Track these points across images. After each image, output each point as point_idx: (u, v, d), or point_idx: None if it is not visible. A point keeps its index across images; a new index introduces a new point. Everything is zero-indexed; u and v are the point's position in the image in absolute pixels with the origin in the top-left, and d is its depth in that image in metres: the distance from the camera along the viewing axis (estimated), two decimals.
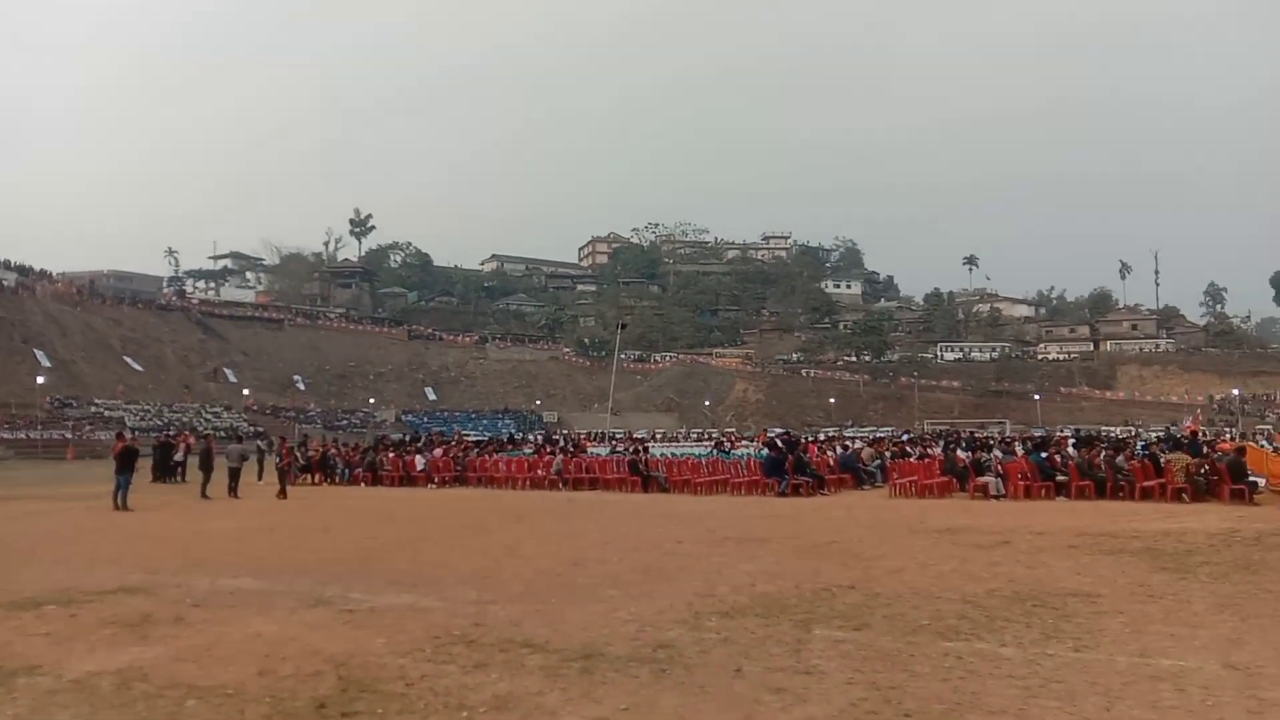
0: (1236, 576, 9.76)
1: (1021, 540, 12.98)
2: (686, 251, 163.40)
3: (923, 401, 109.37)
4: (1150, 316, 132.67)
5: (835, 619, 8.03)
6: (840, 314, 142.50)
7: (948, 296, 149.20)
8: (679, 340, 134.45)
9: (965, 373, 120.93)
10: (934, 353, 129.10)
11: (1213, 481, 18.83)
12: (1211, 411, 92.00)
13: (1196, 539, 12.71)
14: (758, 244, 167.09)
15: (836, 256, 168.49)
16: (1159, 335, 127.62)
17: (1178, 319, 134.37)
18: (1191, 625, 7.54)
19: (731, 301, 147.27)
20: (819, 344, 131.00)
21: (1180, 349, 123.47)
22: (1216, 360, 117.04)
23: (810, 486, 22.48)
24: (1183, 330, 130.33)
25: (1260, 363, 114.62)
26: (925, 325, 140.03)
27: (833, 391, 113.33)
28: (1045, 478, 20.40)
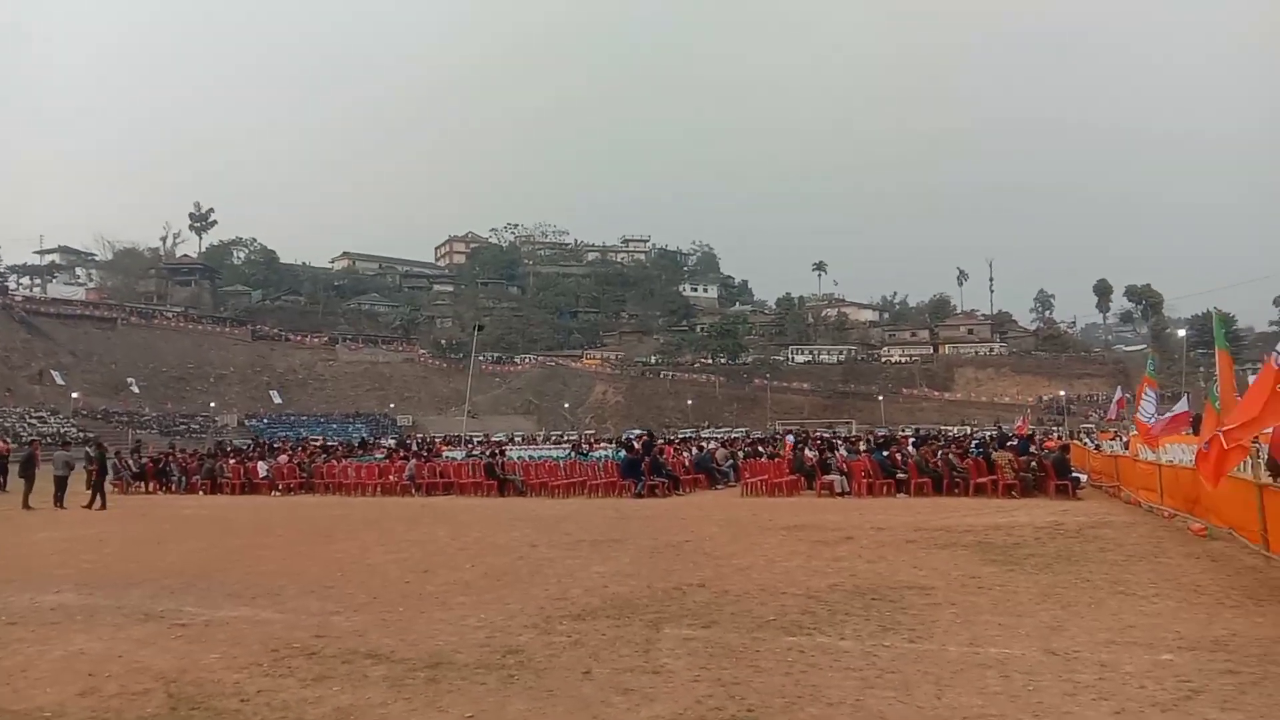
0: (1059, 567, 10.38)
1: (864, 536, 13.46)
2: (546, 253, 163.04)
3: (775, 402, 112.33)
4: (985, 322, 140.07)
5: (685, 617, 8.13)
6: (697, 317, 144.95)
7: (799, 301, 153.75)
8: (538, 342, 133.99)
9: (815, 374, 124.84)
10: (786, 355, 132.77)
11: (1040, 478, 19.99)
12: (1040, 411, 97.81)
13: (1024, 532, 13.46)
14: (617, 247, 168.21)
15: (694, 260, 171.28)
16: (993, 339, 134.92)
17: (1010, 324, 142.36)
18: (1017, 614, 7.96)
19: (591, 304, 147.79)
20: (677, 346, 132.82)
21: (1012, 352, 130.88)
22: (1045, 363, 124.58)
23: (666, 487, 22.75)
24: (1015, 335, 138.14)
25: (1084, 365, 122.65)
26: (778, 329, 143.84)
27: (690, 393, 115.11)
28: (887, 475, 21.24)
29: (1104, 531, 13.38)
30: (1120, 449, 27.36)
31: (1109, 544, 12.08)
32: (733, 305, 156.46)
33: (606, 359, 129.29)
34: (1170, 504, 14.69)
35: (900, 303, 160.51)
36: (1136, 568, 10.18)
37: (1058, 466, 19.91)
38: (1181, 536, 12.61)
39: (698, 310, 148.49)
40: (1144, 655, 6.47)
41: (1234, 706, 5.29)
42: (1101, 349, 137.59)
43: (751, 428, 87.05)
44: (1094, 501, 18.70)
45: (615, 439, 48.68)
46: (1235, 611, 7.80)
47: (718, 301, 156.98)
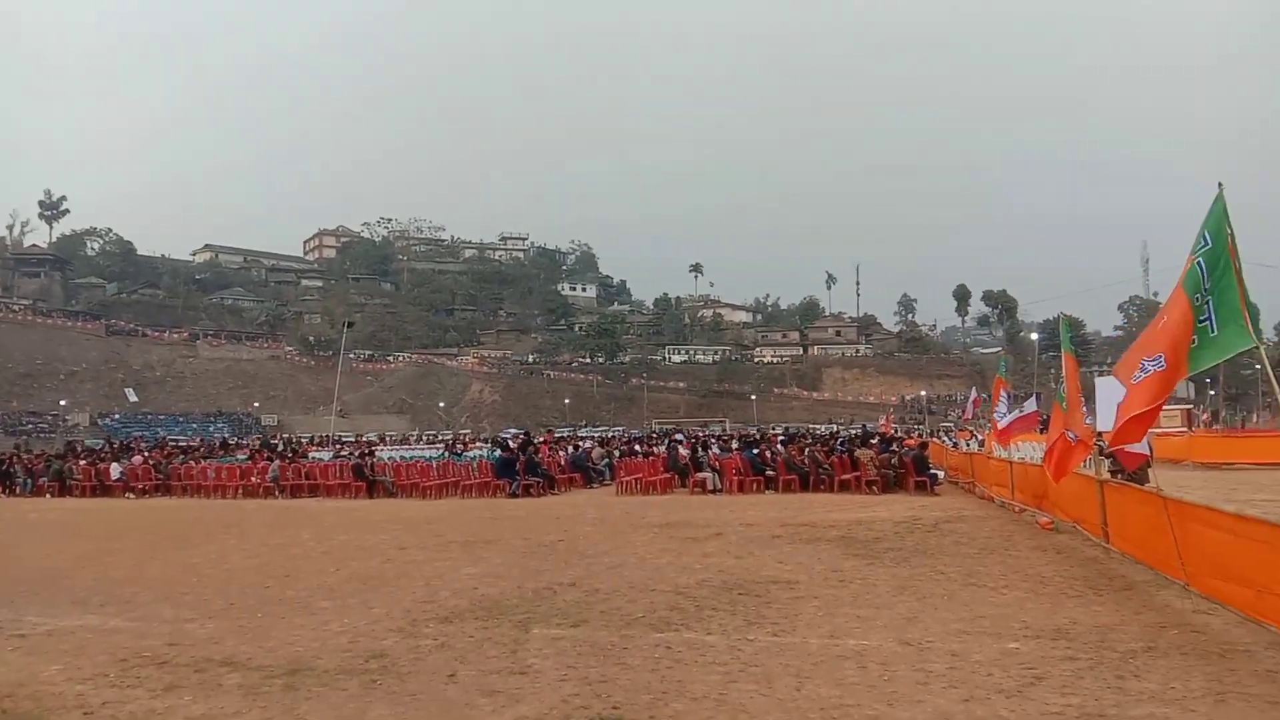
0: (916, 560, 10.78)
1: (733, 532, 13.70)
2: (422, 249, 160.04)
3: (652, 401, 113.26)
4: (852, 324, 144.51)
5: (554, 617, 8.10)
6: (576, 316, 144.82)
7: (676, 302, 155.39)
8: (412, 340, 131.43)
9: (691, 374, 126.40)
10: (662, 355, 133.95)
11: (900, 474, 20.74)
12: (903, 410, 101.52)
13: (884, 527, 13.93)
14: (495, 244, 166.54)
15: (573, 260, 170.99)
16: (859, 341, 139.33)
17: (875, 327, 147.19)
18: (875, 607, 8.23)
19: (468, 301, 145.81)
20: (555, 345, 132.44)
21: (877, 354, 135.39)
22: (908, 364, 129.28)
23: (541, 487, 22.65)
24: (879, 337, 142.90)
25: (944, 367, 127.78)
26: (655, 328, 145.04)
27: (568, 392, 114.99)
28: (757, 473, 21.69)
29: (959, 526, 13.97)
30: (976, 447, 28.69)
31: (963, 538, 12.62)
32: (611, 305, 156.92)
33: (483, 358, 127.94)
34: (1020, 499, 15.45)
35: (772, 305, 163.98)
36: (988, 560, 10.66)
37: (917, 463, 20.70)
38: (1030, 530, 13.27)
39: (576, 309, 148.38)
40: (992, 644, 6.78)
41: (1072, 691, 5.59)
42: (960, 351, 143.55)
43: (629, 426, 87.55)
44: (951, 497, 19.50)
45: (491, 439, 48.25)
46: (1076, 601, 8.25)
47: (596, 301, 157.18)
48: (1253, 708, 5.22)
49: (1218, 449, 28.70)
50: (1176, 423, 44.86)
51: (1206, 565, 7.32)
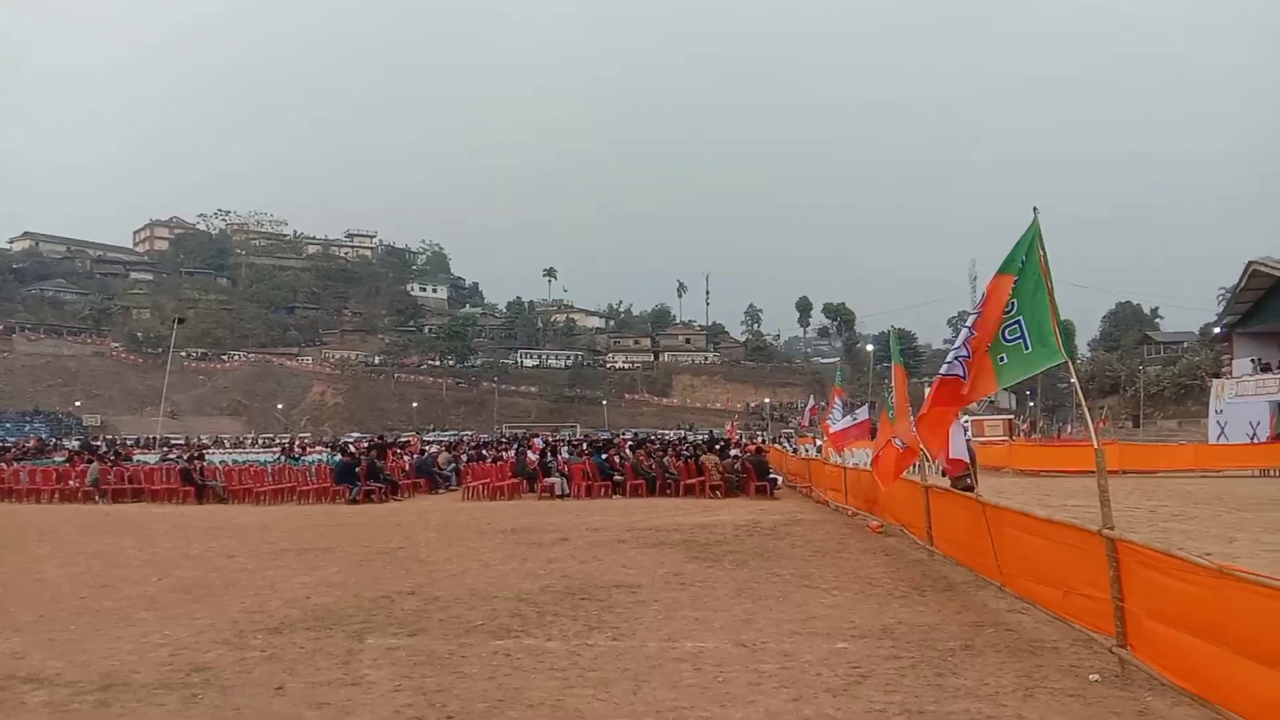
0: (754, 563, 11.06)
1: (579, 537, 13.73)
2: (262, 243, 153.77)
3: (503, 406, 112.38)
4: (701, 332, 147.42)
5: (391, 626, 7.91)
6: (426, 318, 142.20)
7: (529, 306, 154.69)
8: (250, 338, 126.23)
9: (543, 379, 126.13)
10: (515, 359, 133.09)
11: (742, 479, 21.25)
12: (748, 417, 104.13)
13: (725, 530, 14.25)
14: (341, 241, 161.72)
15: (423, 260, 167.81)
16: (708, 349, 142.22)
17: (723, 335, 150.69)
18: (714, 609, 8.40)
19: (311, 299, 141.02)
20: (403, 347, 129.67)
21: (724, 361, 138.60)
22: (753, 372, 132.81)
23: (383, 492, 22.09)
24: (727, 345, 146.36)
25: (787, 375, 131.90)
26: (507, 332, 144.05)
27: (416, 395, 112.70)
28: (605, 477, 21.81)
29: (795, 529, 14.43)
30: (815, 453, 29.64)
31: (799, 541, 13.04)
32: (463, 307, 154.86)
33: (326, 358, 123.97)
34: (853, 503, 16.06)
35: (625, 311, 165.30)
36: (821, 563, 11.04)
37: (758, 469, 21.27)
38: (862, 533, 13.83)
39: (426, 311, 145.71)
40: (822, 644, 7.02)
41: (895, 689, 5.84)
42: (802, 360, 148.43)
43: (479, 430, 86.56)
44: (789, 501, 20.12)
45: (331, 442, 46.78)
46: (902, 602, 8.64)
47: (447, 303, 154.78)
48: (1056, 700, 5.58)
49: (1035, 457, 30.60)
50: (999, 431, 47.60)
51: (1020, 567, 7.77)
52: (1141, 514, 15.98)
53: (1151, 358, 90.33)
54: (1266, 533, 13.37)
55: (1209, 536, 12.80)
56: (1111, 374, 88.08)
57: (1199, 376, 64.14)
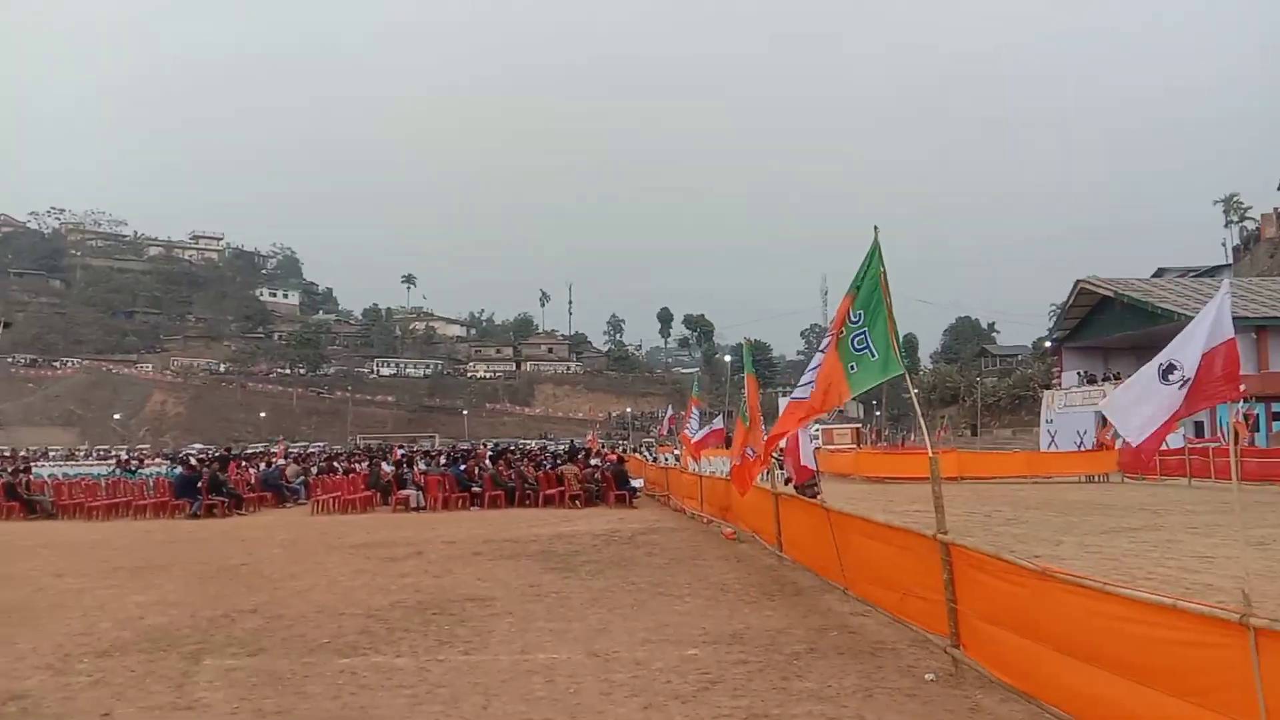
0: (611, 572, 11.10)
1: (433, 550, 13.47)
2: (99, 244, 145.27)
3: (358, 416, 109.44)
4: (564, 341, 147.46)
5: (230, 646, 7.58)
6: (276, 324, 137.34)
7: (386, 313, 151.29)
8: (86, 344, 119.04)
9: (400, 388, 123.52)
10: (371, 368, 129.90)
11: (602, 488, 21.32)
12: (610, 426, 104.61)
13: (583, 540, 14.26)
14: (185, 243, 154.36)
15: (274, 264, 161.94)
16: (570, 359, 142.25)
17: (586, 345, 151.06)
18: (568, 620, 8.38)
19: (152, 304, 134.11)
20: (251, 354, 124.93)
21: (587, 371, 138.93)
22: (615, 382, 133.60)
23: (226, 506, 21.16)
24: (590, 355, 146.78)
25: (649, 385, 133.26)
26: (363, 340, 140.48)
27: (264, 405, 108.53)
28: (463, 488, 21.50)
29: (653, 537, 14.57)
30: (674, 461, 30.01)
31: (656, 549, 13.17)
32: (316, 313, 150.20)
33: (168, 366, 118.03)
34: (709, 511, 16.34)
35: (487, 320, 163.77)
36: (676, 570, 11.18)
37: (617, 478, 21.39)
38: (716, 540, 14.07)
39: (276, 317, 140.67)
40: (674, 651, 7.09)
41: (743, 693, 5.95)
42: (663, 370, 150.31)
43: (331, 442, 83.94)
44: (648, 510, 20.30)
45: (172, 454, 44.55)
46: (752, 607, 8.83)
47: (299, 309, 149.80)
48: (894, 700, 5.80)
49: (881, 464, 31.80)
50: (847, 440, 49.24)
51: (863, 571, 8.06)
52: (978, 519, 16.80)
53: (988, 370, 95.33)
54: (1090, 535, 14.26)
55: (1038, 540, 13.56)
56: (951, 385, 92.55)
57: (1031, 388, 68.04)
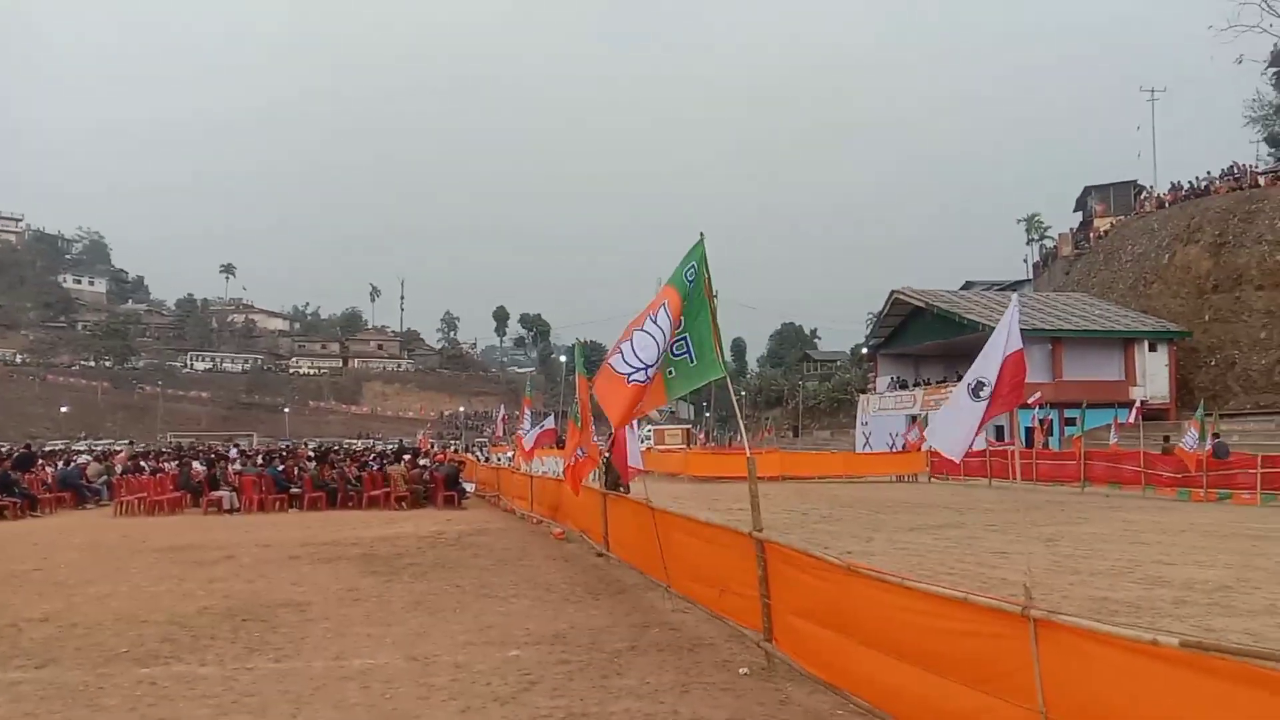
0: (434, 575, 10.93)
1: (246, 554, 12.91)
2: None
3: (169, 412, 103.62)
4: (395, 338, 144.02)
5: (16, 658, 7.04)
6: (80, 313, 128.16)
7: (202, 304, 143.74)
8: None
9: (216, 384, 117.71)
10: (184, 361, 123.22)
11: (430, 489, 20.95)
12: (442, 426, 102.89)
13: (408, 542, 13.97)
14: None
15: (79, 249, 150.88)
16: (402, 356, 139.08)
17: (418, 342, 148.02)
18: (387, 624, 8.20)
19: None
20: (51, 345, 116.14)
21: (419, 369, 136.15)
22: (448, 380, 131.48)
23: (19, 508, 19.59)
24: (422, 352, 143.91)
25: (483, 384, 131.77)
26: (177, 332, 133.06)
27: (66, 399, 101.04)
28: (280, 490, 20.66)
29: (480, 539, 14.44)
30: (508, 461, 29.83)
31: (483, 550, 13.06)
32: (125, 303, 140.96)
33: None
34: (539, 511, 16.33)
35: (313, 314, 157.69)
36: (503, 571, 11.12)
37: (447, 478, 21.07)
38: (545, 540, 14.08)
39: (81, 305, 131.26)
40: (496, 653, 7.06)
41: (562, 693, 5.98)
42: (498, 369, 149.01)
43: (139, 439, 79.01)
44: (478, 510, 20.10)
45: None
46: (576, 606, 8.88)
47: (106, 297, 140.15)
48: (710, 694, 5.96)
49: (709, 464, 32.60)
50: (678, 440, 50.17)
51: (683, 568, 8.25)
52: (796, 516, 17.48)
53: (810, 374, 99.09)
54: (899, 532, 15.07)
55: (851, 536, 14.24)
56: (776, 388, 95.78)
57: (850, 392, 71.19)
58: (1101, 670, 3.58)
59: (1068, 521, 16.76)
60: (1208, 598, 8.94)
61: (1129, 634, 3.44)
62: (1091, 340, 41.56)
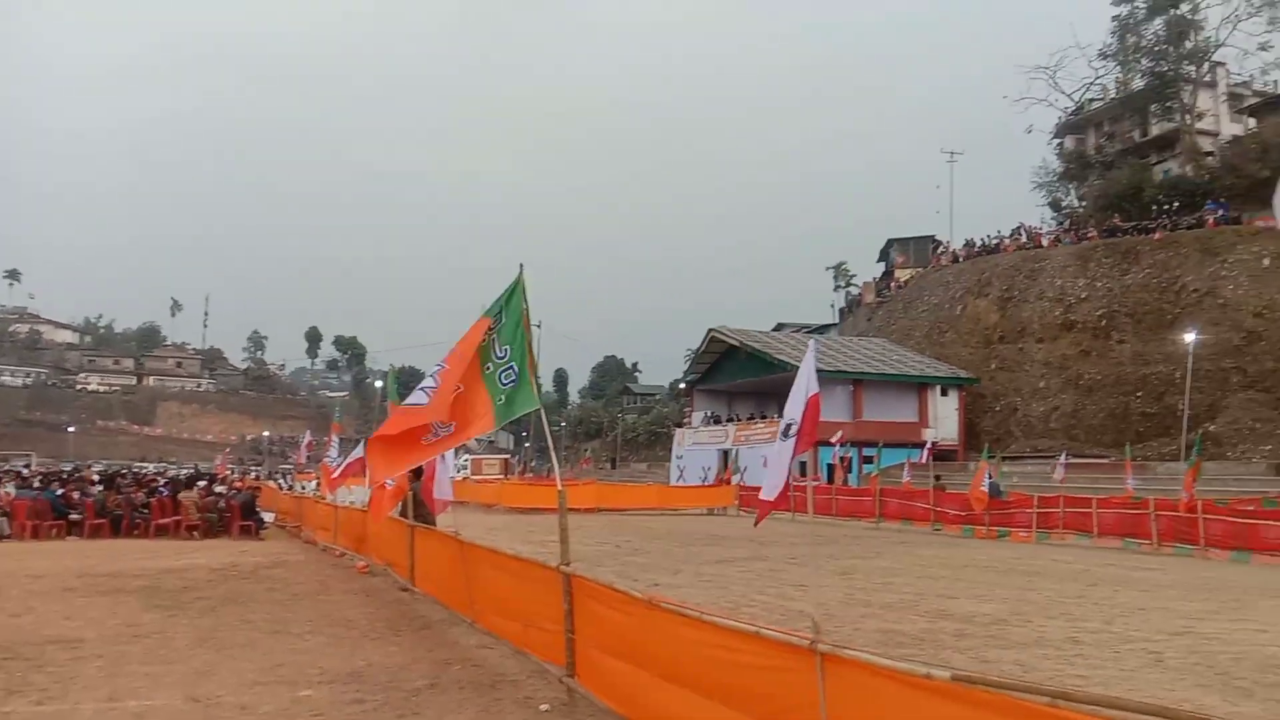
0: (224, 609, 10.33)
1: (14, 585, 11.83)
2: None
3: None
4: (196, 356, 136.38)
5: None
6: None
7: None
8: None
9: None
10: None
11: (226, 518, 19.85)
12: (244, 451, 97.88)
13: (198, 575, 13.17)
14: None
15: None
16: (202, 375, 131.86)
17: (221, 361, 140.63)
18: (169, 662, 7.68)
19: None
20: None
21: (220, 390, 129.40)
22: (253, 402, 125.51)
23: None
24: (225, 372, 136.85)
25: (290, 407, 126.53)
26: None
27: None
28: (59, 516, 19.08)
29: (277, 571, 13.77)
30: (313, 490, 28.68)
31: (279, 584, 12.45)
32: None
33: None
34: (343, 543, 15.75)
35: (106, 327, 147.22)
36: (299, 606, 10.63)
37: (244, 507, 20.05)
38: (347, 574, 13.58)
39: None
40: (285, 693, 6.72)
41: None
42: (308, 393, 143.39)
43: None
44: (276, 541, 19.20)
45: None
46: (376, 643, 8.59)
47: None
48: None
49: (525, 495, 32.39)
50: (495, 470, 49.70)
51: (490, 603, 8.13)
52: (609, 549, 17.59)
53: (630, 407, 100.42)
54: (707, 565, 15.42)
55: (660, 569, 14.45)
56: (596, 420, 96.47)
57: (667, 425, 72.51)
58: (881, 703, 3.75)
59: (863, 556, 17.60)
60: (985, 630, 9.56)
61: (905, 667, 3.62)
62: (890, 383, 43.97)
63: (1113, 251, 44.42)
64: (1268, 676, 7.55)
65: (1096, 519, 21.46)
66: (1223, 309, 38.69)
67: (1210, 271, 39.73)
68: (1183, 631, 9.68)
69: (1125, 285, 42.77)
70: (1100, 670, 7.64)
